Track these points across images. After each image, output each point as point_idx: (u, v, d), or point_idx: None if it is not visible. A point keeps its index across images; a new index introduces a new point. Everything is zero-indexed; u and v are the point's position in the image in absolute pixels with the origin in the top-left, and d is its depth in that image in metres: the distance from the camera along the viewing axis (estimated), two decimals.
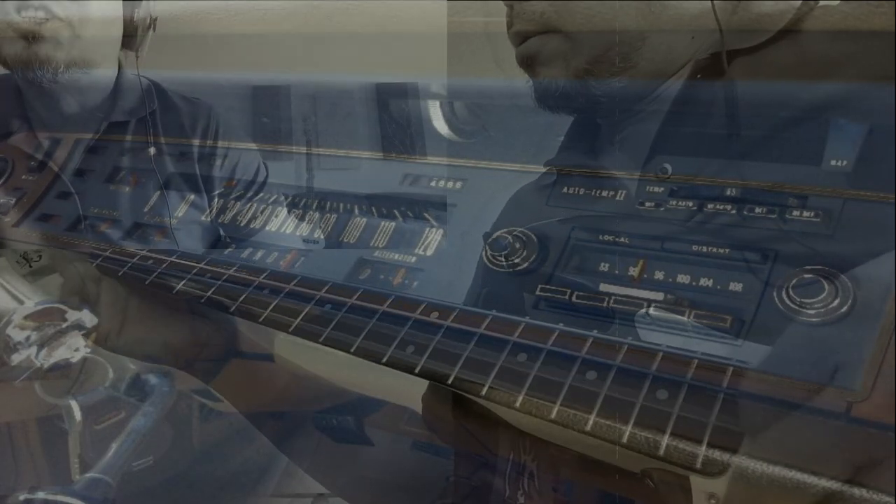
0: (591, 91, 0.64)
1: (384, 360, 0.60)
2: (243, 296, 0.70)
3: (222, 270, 0.74)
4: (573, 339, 0.55)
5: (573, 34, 0.63)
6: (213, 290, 0.72)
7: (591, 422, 0.51)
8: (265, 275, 0.71)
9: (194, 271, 0.75)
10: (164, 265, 0.77)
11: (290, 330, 0.65)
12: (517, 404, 0.53)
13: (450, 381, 0.56)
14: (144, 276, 0.78)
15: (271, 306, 0.67)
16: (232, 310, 0.69)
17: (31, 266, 0.93)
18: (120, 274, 0.81)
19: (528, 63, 0.66)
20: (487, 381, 0.55)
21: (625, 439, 0.49)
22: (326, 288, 0.67)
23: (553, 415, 0.52)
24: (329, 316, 0.64)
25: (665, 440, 0.48)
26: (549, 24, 0.63)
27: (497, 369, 0.55)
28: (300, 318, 0.65)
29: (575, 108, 0.68)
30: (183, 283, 0.75)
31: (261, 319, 0.67)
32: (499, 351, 0.56)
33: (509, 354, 0.56)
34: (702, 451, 0.47)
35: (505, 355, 0.56)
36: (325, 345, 0.63)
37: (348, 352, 0.61)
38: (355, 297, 0.65)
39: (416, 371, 0.58)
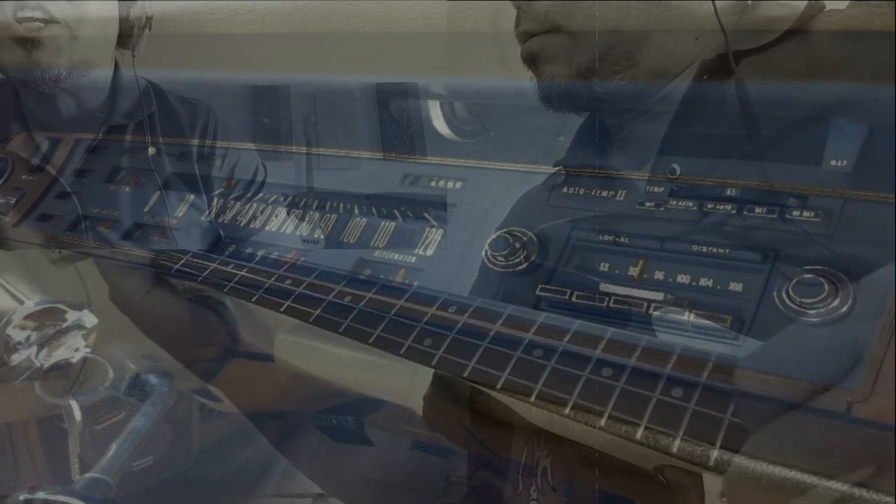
0: (593, 89, 0.64)
1: (402, 351, 0.60)
2: (265, 286, 0.71)
3: (244, 262, 0.76)
4: (588, 338, 0.56)
5: (576, 32, 0.63)
6: (234, 280, 0.74)
7: (605, 418, 0.51)
8: (286, 267, 0.73)
9: (212, 266, 0.76)
10: (181, 261, 0.79)
11: (311, 320, 0.66)
12: (532, 398, 0.54)
13: (466, 374, 0.57)
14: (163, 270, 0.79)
15: (292, 296, 0.69)
16: (254, 299, 0.71)
17: (60, 252, 0.94)
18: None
19: (532, 60, 0.66)
20: (503, 374, 0.55)
21: (638, 436, 0.50)
22: (345, 282, 0.68)
23: (567, 410, 0.52)
24: (348, 308, 0.66)
25: (679, 438, 0.48)
26: (554, 22, 0.64)
27: (513, 363, 0.56)
28: (321, 308, 0.66)
29: (578, 106, 0.68)
30: (204, 274, 0.76)
31: (282, 309, 0.69)
32: (515, 346, 0.57)
33: (525, 350, 0.56)
34: (715, 449, 0.48)
35: (521, 350, 0.56)
36: (345, 335, 0.64)
37: (367, 342, 0.63)
38: (373, 290, 0.66)
39: (433, 363, 0.58)
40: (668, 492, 0.52)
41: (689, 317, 0.56)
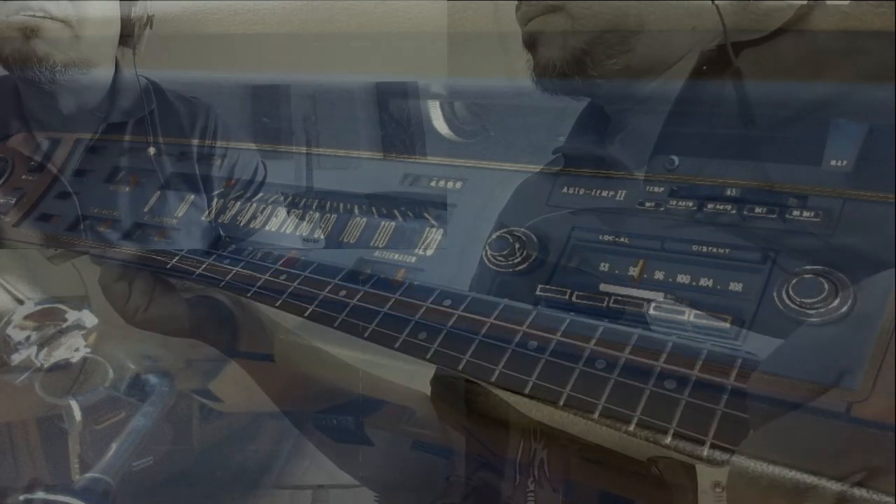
0: (587, 72, 0.64)
1: (397, 345, 0.60)
2: (260, 282, 0.71)
3: (239, 258, 0.76)
4: (582, 333, 0.56)
5: (575, 15, 0.64)
6: (230, 275, 0.74)
7: (599, 409, 0.51)
8: (282, 262, 0.73)
9: (206, 263, 0.77)
10: (177, 258, 0.79)
11: (306, 315, 0.66)
12: (526, 390, 0.54)
13: (461, 367, 0.57)
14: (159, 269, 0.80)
15: (287, 291, 0.69)
16: (249, 295, 0.71)
17: (55, 249, 0.94)
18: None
19: (531, 43, 0.67)
20: (497, 367, 0.55)
21: (632, 427, 0.50)
22: (341, 276, 0.68)
23: (562, 401, 0.52)
24: (343, 302, 0.66)
25: (672, 429, 0.49)
26: (553, 5, 0.64)
27: (507, 355, 0.56)
28: (315, 303, 0.66)
29: (572, 90, 0.68)
30: (199, 271, 0.77)
31: (277, 304, 0.69)
32: (509, 340, 0.57)
33: (519, 343, 0.56)
34: (708, 441, 0.48)
35: (515, 344, 0.56)
36: (340, 329, 0.64)
37: (362, 336, 0.63)
38: (369, 284, 0.66)
39: (428, 356, 0.59)
40: (662, 483, 0.52)
41: (689, 317, 0.56)
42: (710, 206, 0.61)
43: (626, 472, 0.57)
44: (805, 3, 0.61)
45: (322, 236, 0.79)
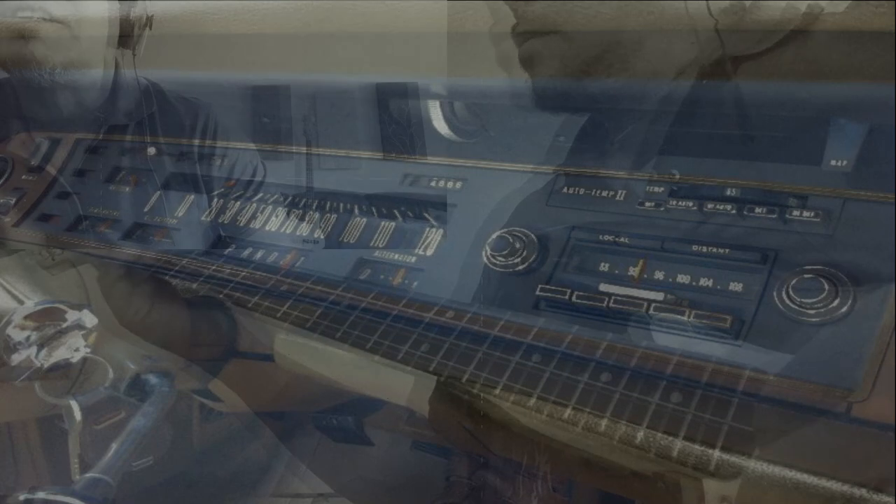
0: (588, 91, 0.64)
1: (399, 356, 0.61)
2: (261, 293, 0.71)
3: (241, 266, 0.76)
4: (587, 342, 0.56)
5: (572, 34, 0.63)
6: (230, 286, 0.74)
7: (603, 423, 0.51)
8: (283, 272, 0.74)
9: (209, 270, 0.77)
10: (179, 265, 0.79)
11: (308, 325, 0.67)
12: (530, 404, 0.54)
13: (464, 380, 0.57)
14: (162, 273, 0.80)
15: (289, 303, 0.69)
16: (250, 305, 0.71)
17: (53, 259, 0.94)
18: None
19: (529, 62, 0.66)
20: (501, 380, 0.56)
21: (638, 441, 0.50)
22: (342, 287, 0.68)
23: (566, 415, 0.53)
24: (345, 314, 0.66)
25: (678, 443, 0.49)
26: (550, 24, 0.64)
27: (511, 368, 0.56)
28: (317, 314, 0.67)
29: (572, 108, 0.68)
30: (201, 278, 0.77)
31: (278, 315, 0.69)
32: (513, 352, 0.57)
33: (523, 355, 0.56)
34: (715, 454, 0.48)
35: (519, 356, 0.56)
36: (342, 341, 0.64)
37: (364, 349, 0.63)
38: (371, 296, 0.66)
39: (430, 369, 0.59)
40: (668, 496, 0.52)
41: (689, 317, 0.56)
42: (710, 206, 0.61)
43: (632, 485, 0.57)
44: (804, 9, 0.61)
45: (322, 236, 0.79)
